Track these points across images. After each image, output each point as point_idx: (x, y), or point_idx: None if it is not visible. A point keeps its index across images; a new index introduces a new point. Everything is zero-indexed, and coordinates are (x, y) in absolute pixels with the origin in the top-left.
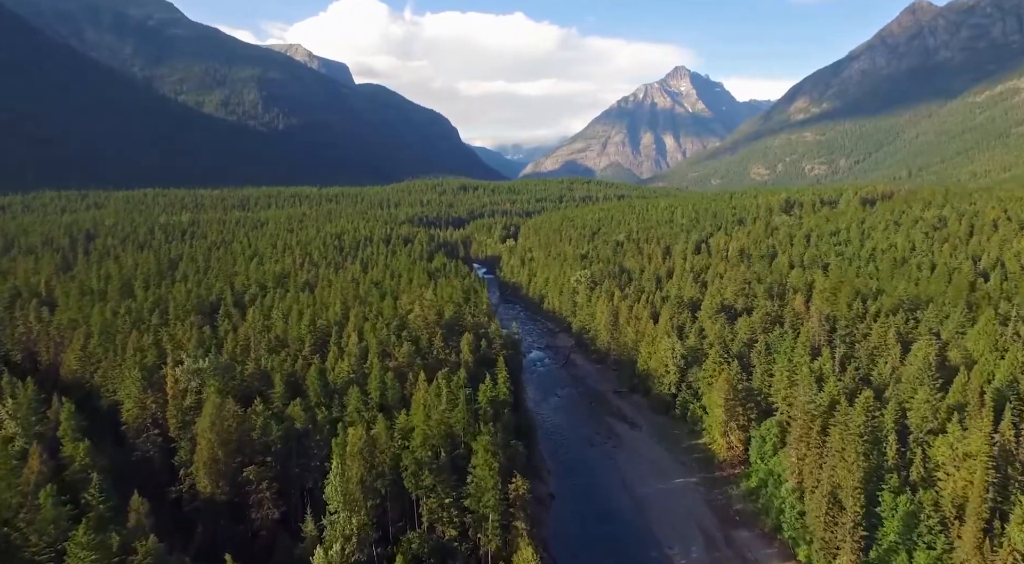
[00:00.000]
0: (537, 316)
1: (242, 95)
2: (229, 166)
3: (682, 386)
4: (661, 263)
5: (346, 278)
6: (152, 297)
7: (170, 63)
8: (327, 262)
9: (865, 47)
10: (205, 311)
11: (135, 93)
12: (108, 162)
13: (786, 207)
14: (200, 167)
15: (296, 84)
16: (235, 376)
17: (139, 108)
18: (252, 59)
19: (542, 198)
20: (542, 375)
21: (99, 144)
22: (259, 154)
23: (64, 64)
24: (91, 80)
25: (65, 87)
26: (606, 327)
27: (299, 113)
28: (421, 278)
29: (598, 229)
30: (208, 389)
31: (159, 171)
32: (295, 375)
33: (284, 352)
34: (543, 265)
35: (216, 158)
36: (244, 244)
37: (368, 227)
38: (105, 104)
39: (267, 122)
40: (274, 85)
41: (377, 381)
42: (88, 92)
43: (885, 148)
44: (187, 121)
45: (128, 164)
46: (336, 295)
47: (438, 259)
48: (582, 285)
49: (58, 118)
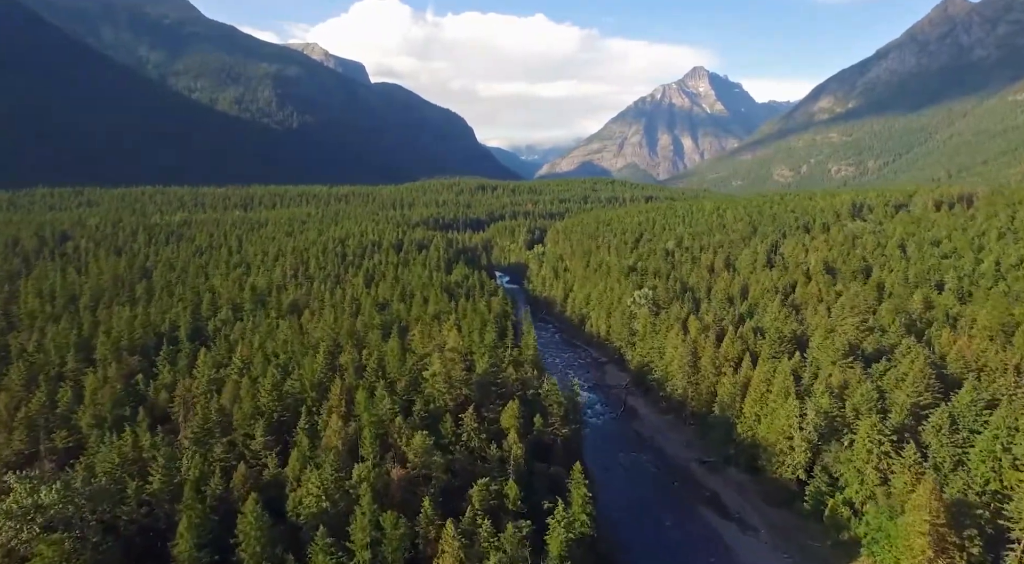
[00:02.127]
0: (576, 340)
1: (256, 93)
2: (241, 164)
3: (814, 468)
4: (729, 279)
5: (344, 297)
6: (87, 323)
7: (185, 61)
8: (325, 274)
9: (894, 45)
10: (148, 347)
11: (149, 90)
12: (116, 159)
13: (854, 211)
14: (211, 165)
15: (311, 82)
16: (117, 505)
17: (152, 105)
18: (267, 57)
19: (565, 199)
20: (595, 429)
21: (108, 141)
22: (272, 152)
23: (77, 61)
24: (104, 77)
25: (77, 83)
26: (681, 368)
27: (314, 111)
28: (439, 300)
29: (640, 235)
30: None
31: (169, 169)
32: (228, 501)
33: (218, 447)
34: (582, 278)
35: (228, 156)
36: (232, 249)
37: (377, 230)
38: (117, 101)
39: (281, 120)
40: (289, 83)
41: (366, 524)
42: (100, 89)
43: (916, 149)
44: (200, 119)
45: (138, 161)
46: (325, 329)
47: (458, 270)
48: (642, 308)
49: (68, 114)
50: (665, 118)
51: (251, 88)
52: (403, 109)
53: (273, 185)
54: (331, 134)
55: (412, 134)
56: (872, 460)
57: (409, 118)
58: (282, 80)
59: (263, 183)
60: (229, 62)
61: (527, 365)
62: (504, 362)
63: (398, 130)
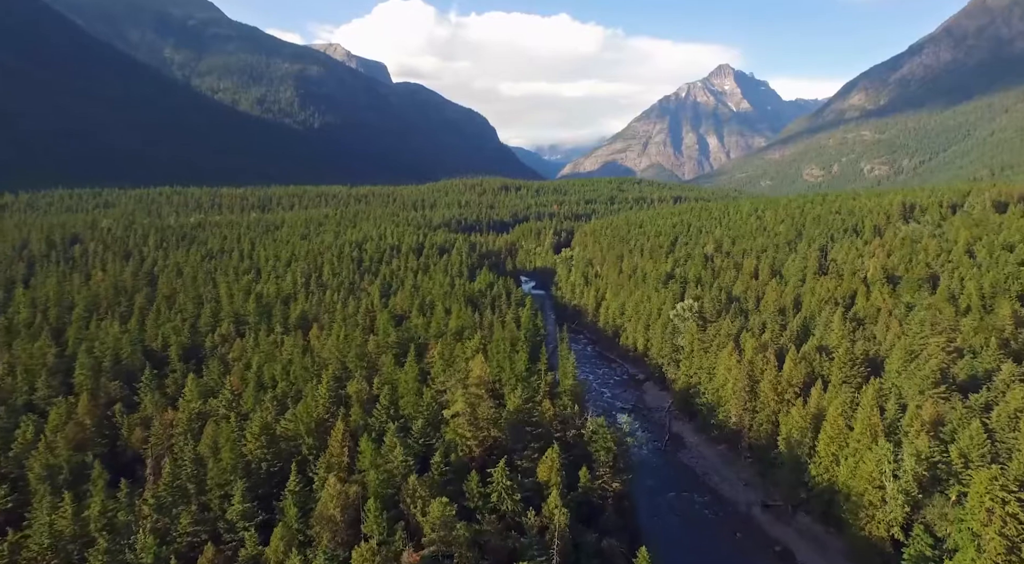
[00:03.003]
0: (610, 353)
1: (278, 93)
2: (262, 164)
3: (912, 525)
4: (779, 288)
5: (359, 309)
6: (72, 340)
7: (208, 61)
8: (339, 282)
9: (927, 40)
10: (134, 370)
11: (172, 91)
12: (140, 160)
13: (904, 212)
14: (234, 165)
15: (333, 82)
16: None
17: (175, 106)
18: (289, 57)
19: (591, 199)
20: (638, 462)
21: (132, 142)
22: (293, 152)
23: (103, 62)
24: (130, 78)
25: (103, 84)
26: (736, 393)
27: (335, 111)
28: (462, 313)
29: (675, 238)
30: None
31: (192, 169)
32: None
33: (186, 517)
34: (614, 285)
35: (249, 156)
36: (245, 253)
37: (396, 233)
38: (142, 102)
39: (303, 120)
40: (311, 83)
41: None
42: (126, 90)
43: (955, 147)
44: (222, 119)
45: (161, 162)
46: (333, 349)
47: (482, 277)
48: (687, 322)
49: (93, 116)
50: (690, 117)
51: (273, 88)
52: (425, 109)
53: (294, 185)
54: (352, 134)
55: (434, 134)
56: (994, 522)
57: (431, 118)
58: (304, 80)
59: (284, 183)
60: (251, 62)
61: (565, 397)
62: (539, 394)
63: (420, 130)
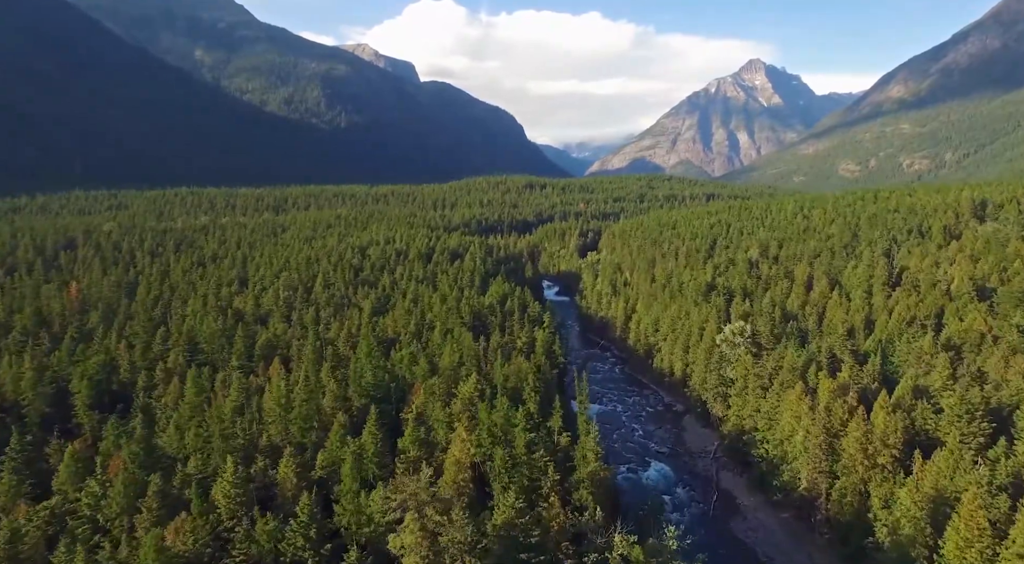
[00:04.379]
0: (642, 375)
1: (305, 93)
2: (289, 164)
3: None
4: (841, 303)
5: (340, 333)
6: None
7: (237, 63)
8: (329, 295)
9: (973, 27)
10: (28, 422)
11: (202, 93)
12: (168, 161)
13: (975, 209)
14: (259, 165)
15: (360, 82)
16: None
17: (203, 107)
18: (317, 57)
19: (620, 197)
20: (678, 530)
21: (157, 144)
22: (320, 152)
23: (131, 65)
24: (160, 81)
25: (134, 88)
26: (811, 451)
27: (362, 111)
28: (460, 343)
29: (714, 241)
30: None
31: (220, 170)
32: None
33: None
34: (647, 296)
35: (276, 156)
36: (238, 260)
37: (407, 236)
38: (171, 104)
39: (329, 120)
40: (338, 83)
41: None
42: (156, 92)
43: (1003, 139)
44: (250, 120)
45: (190, 163)
46: (274, 405)
47: (495, 288)
48: (738, 348)
49: (117, 118)
50: (720, 112)
51: (300, 88)
52: (452, 107)
53: (316, 185)
54: (379, 133)
55: (460, 132)
56: None
57: (458, 116)
58: (330, 80)
59: (309, 183)
60: (279, 63)
61: (584, 490)
62: (545, 484)
63: (447, 129)
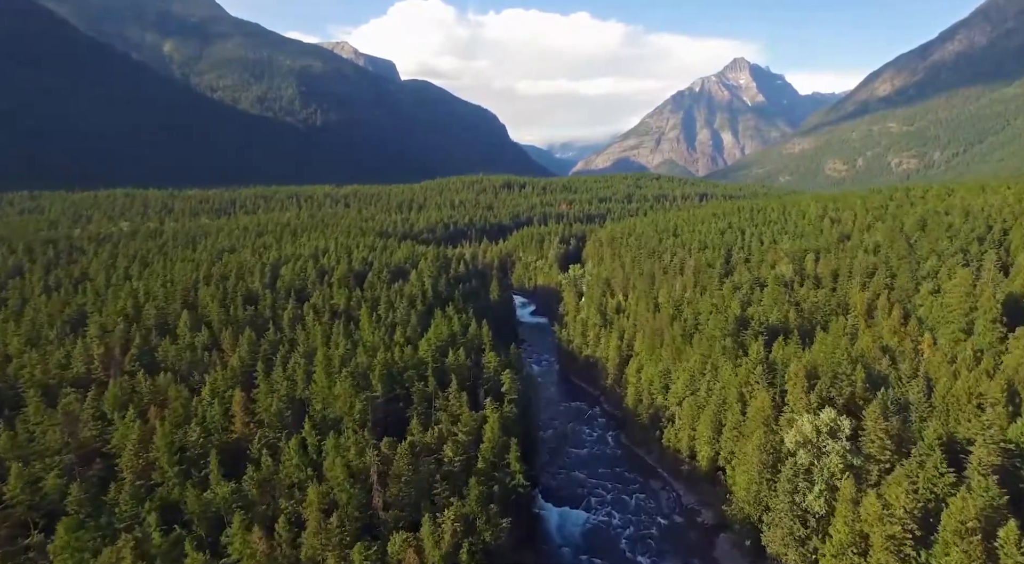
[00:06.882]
0: (645, 452)
1: (280, 90)
2: (262, 163)
3: None
4: (943, 352)
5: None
6: None
7: (208, 59)
8: (185, 344)
9: (960, 25)
10: None
11: (169, 90)
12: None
13: None
14: (232, 165)
15: (338, 79)
16: None
17: (171, 104)
18: (292, 53)
19: (606, 198)
20: None
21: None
22: (295, 151)
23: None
24: (127, 77)
25: (99, 84)
26: None
27: (339, 109)
28: (359, 443)
29: (728, 251)
30: None
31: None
32: None
33: None
34: (650, 332)
35: (249, 155)
36: (119, 278)
37: (345, 246)
38: (138, 101)
39: (304, 118)
40: (314, 80)
41: None
42: (122, 89)
43: (991, 138)
44: (221, 117)
45: (158, 162)
46: None
47: (436, 328)
48: (831, 456)
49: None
50: (704, 111)
51: (274, 85)
52: (433, 107)
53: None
54: (356, 132)
55: (441, 132)
56: None
57: (438, 115)
58: (306, 77)
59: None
60: (252, 59)
61: None
62: None
63: (427, 128)
